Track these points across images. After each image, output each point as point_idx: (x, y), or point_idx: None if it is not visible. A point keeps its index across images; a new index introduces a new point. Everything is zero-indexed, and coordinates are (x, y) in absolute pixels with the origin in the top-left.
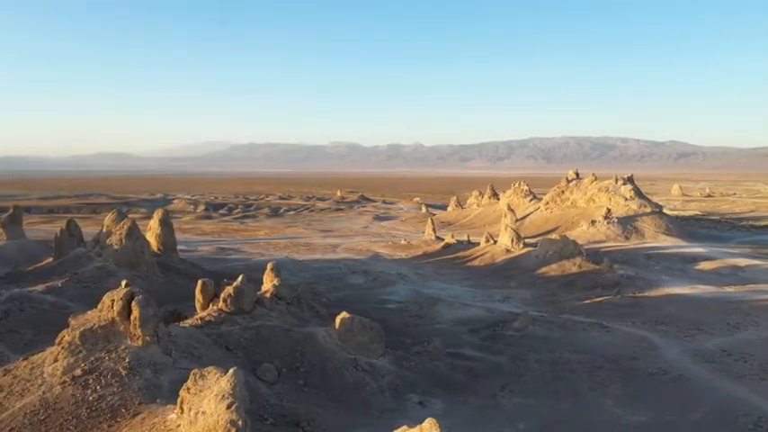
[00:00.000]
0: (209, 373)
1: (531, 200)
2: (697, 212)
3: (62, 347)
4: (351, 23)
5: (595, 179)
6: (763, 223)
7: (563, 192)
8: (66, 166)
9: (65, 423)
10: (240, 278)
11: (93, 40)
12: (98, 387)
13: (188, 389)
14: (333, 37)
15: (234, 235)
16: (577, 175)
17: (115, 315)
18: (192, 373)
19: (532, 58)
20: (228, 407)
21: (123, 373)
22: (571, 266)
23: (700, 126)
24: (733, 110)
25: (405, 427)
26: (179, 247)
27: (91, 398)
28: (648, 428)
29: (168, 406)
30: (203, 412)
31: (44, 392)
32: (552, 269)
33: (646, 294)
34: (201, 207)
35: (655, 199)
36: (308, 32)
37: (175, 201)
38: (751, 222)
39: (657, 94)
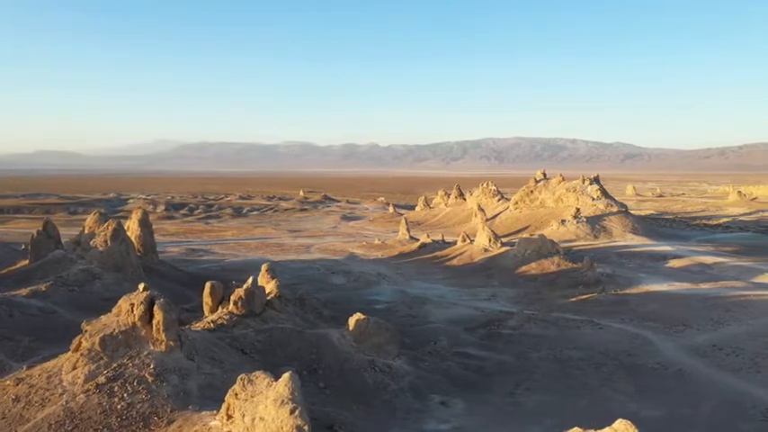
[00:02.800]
0: (257, 377)
1: (499, 199)
2: (652, 212)
3: (81, 354)
4: (302, 23)
5: (563, 179)
6: (715, 222)
7: (532, 191)
8: (3, 164)
9: None
10: (250, 280)
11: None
12: (125, 395)
13: (236, 394)
14: (287, 36)
15: (201, 236)
16: (545, 175)
17: (136, 320)
18: (239, 378)
19: (487, 58)
20: (292, 412)
21: (150, 379)
22: (550, 265)
23: (644, 128)
24: (674, 113)
25: (576, 428)
26: None
27: (119, 406)
28: (666, 422)
29: (203, 412)
30: (261, 418)
31: (67, 402)
32: (532, 268)
33: (627, 292)
34: (162, 207)
35: None
36: (262, 31)
37: (131, 201)
38: (704, 221)
39: (604, 95)
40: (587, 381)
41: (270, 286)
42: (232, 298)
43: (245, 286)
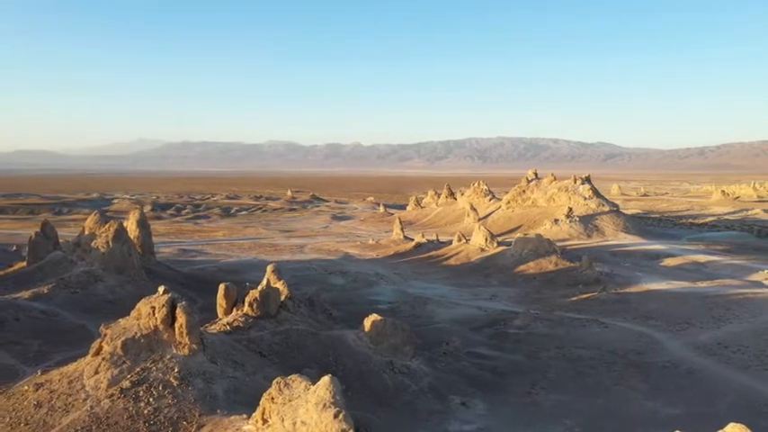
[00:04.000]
0: (293, 381)
1: (490, 199)
2: (638, 211)
3: (103, 358)
4: (286, 22)
5: (554, 179)
6: (702, 221)
7: (524, 191)
8: None
9: None
10: (265, 281)
11: (8, 36)
12: (151, 399)
13: (272, 398)
14: (271, 35)
15: (191, 236)
16: (536, 175)
17: (158, 323)
18: (275, 381)
19: (471, 58)
20: (336, 416)
21: (175, 383)
22: (548, 264)
23: (625, 128)
24: (654, 113)
25: None
26: None
27: (146, 411)
28: (685, 420)
29: (233, 416)
30: (303, 422)
31: (92, 407)
32: (530, 267)
33: (627, 290)
34: (148, 208)
35: None
36: (246, 30)
37: (116, 201)
38: (690, 220)
39: (586, 96)
40: (601, 380)
41: (278, 287)
42: (247, 299)
43: (259, 287)
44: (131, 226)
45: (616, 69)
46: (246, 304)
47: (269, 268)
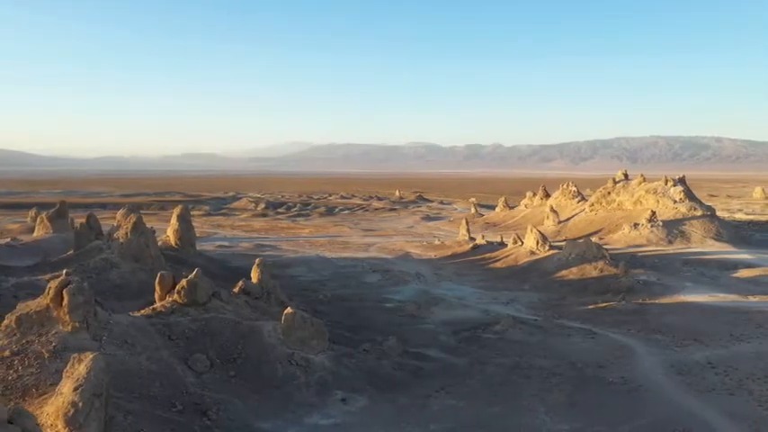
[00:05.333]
0: (85, 357)
1: (578, 201)
2: None
3: (1, 330)
4: (427, 23)
5: (644, 180)
6: None
7: (609, 193)
8: (156, 165)
9: None
10: (195, 272)
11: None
12: (20, 368)
13: (66, 372)
14: (417, 37)
15: (279, 233)
16: (626, 175)
17: (49, 301)
18: (72, 357)
19: (619, 56)
20: (75, 389)
21: (46, 356)
22: (592, 270)
23: None
24: None
25: None
26: (223, 243)
27: (10, 377)
28: None
29: None
30: (61, 393)
31: None
32: (572, 272)
33: (654, 301)
34: (262, 206)
35: (735, 202)
36: (391, 32)
37: (241, 199)
38: None
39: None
40: (521, 390)
41: (253, 278)
42: (176, 288)
43: (188, 277)
44: (173, 220)
45: None
46: (176, 292)
47: (255, 262)
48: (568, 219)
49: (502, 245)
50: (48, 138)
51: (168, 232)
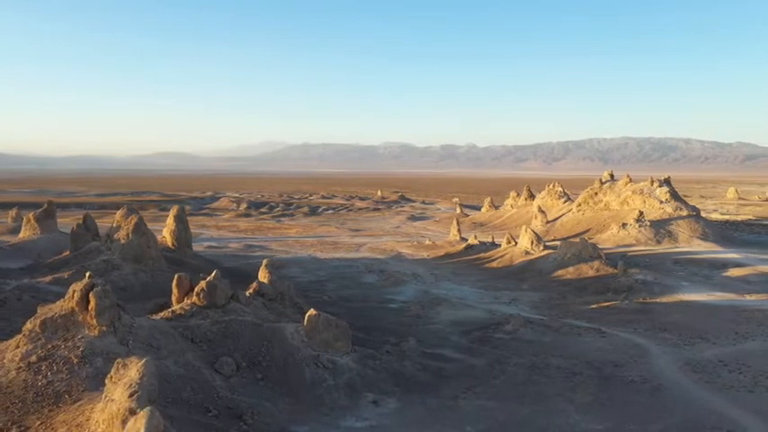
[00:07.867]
0: (131, 362)
1: (564, 201)
2: (750, 217)
3: (24, 335)
4: (404, 24)
5: (630, 181)
6: None
7: (596, 193)
8: (127, 164)
9: (11, 406)
10: (213, 273)
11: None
12: (49, 373)
13: (111, 377)
14: (391, 37)
15: (266, 233)
16: (612, 176)
17: (74, 305)
18: (116, 362)
19: (592, 58)
20: (131, 395)
21: (75, 361)
22: (588, 270)
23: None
24: None
25: None
26: (210, 243)
27: (40, 383)
28: None
29: None
30: (112, 400)
31: (1, 377)
32: (569, 272)
33: (656, 300)
34: (243, 205)
35: (709, 202)
36: (366, 32)
37: (222, 199)
38: None
39: (724, 92)
40: (545, 390)
41: (262, 279)
42: (195, 290)
43: (207, 279)
44: (170, 221)
45: (759, 59)
46: (195, 294)
47: (263, 263)
48: (556, 219)
49: (494, 245)
50: (12, 135)
51: (164, 233)
